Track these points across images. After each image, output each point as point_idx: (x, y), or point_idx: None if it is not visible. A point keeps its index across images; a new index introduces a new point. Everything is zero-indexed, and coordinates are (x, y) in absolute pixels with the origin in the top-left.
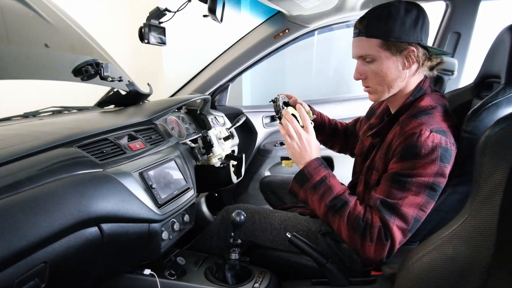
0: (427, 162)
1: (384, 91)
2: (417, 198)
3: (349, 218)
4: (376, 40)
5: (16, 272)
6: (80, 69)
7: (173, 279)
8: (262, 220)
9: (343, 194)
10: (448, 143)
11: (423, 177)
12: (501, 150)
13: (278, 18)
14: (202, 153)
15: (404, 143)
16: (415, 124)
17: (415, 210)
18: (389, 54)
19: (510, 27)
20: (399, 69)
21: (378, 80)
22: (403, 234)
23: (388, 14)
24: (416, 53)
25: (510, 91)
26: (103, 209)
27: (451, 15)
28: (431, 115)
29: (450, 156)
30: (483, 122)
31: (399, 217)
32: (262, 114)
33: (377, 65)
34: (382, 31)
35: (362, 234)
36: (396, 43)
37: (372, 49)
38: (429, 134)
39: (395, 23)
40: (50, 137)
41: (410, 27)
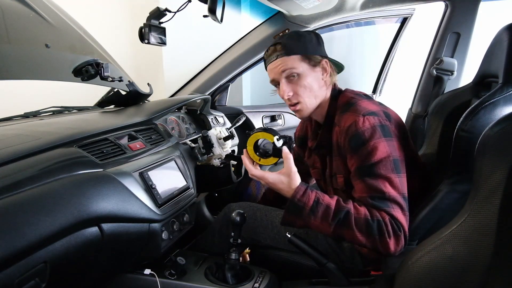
0: (375, 142)
1: (312, 103)
2: (392, 180)
3: (358, 224)
4: (297, 56)
5: (17, 272)
6: (80, 69)
7: (173, 279)
8: (264, 217)
9: (340, 204)
10: (381, 121)
11: (381, 158)
12: (500, 150)
13: (278, 18)
14: (202, 153)
15: (348, 136)
16: (348, 116)
17: (397, 189)
18: (310, 67)
19: (508, 27)
20: (320, 79)
21: (307, 93)
22: (405, 216)
23: (298, 36)
24: (328, 64)
25: (507, 91)
26: (103, 209)
27: (450, 15)
28: (355, 103)
29: (389, 131)
30: (480, 121)
31: (393, 203)
32: (262, 114)
33: (302, 79)
34: (299, 48)
35: (379, 233)
36: (312, 57)
37: (296, 64)
38: (363, 119)
39: (306, 42)
40: (50, 137)
41: (316, 44)
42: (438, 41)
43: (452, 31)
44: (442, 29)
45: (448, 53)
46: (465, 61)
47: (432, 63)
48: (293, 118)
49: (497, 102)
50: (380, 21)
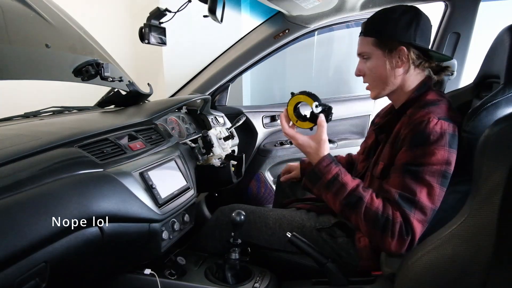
0: (437, 148)
1: (379, 87)
2: (433, 189)
3: (366, 214)
4: (371, 38)
5: (17, 272)
6: (80, 69)
7: (173, 279)
8: (257, 219)
9: (357, 189)
10: (455, 131)
11: (434, 165)
12: (500, 150)
13: (278, 18)
14: (202, 153)
15: (413, 131)
16: (423, 113)
17: (433, 200)
18: (381, 53)
19: (510, 28)
20: (389, 67)
21: (373, 77)
22: (423, 225)
23: (384, 16)
24: (406, 52)
25: (509, 91)
26: (103, 209)
27: (450, 16)
28: (438, 105)
29: (456, 144)
30: (482, 122)
31: (419, 209)
32: (262, 114)
33: (371, 62)
34: (376, 31)
35: (383, 230)
36: (388, 42)
37: (367, 47)
38: (437, 121)
39: (388, 24)
40: (50, 137)
41: (403, 28)
42: (438, 41)
43: (452, 31)
44: (442, 29)
45: (448, 53)
46: (465, 61)
47: None
48: None
49: (499, 103)
50: None
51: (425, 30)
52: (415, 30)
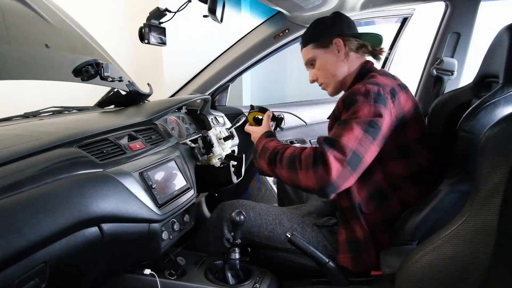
0: (362, 104)
1: (332, 81)
2: (355, 131)
3: (281, 160)
4: (310, 44)
5: (17, 272)
6: (80, 69)
7: (173, 279)
8: (257, 216)
9: (277, 147)
10: (381, 90)
11: (360, 117)
12: (501, 150)
13: (278, 18)
14: (202, 153)
15: (343, 98)
16: (355, 86)
17: (353, 143)
18: (322, 51)
19: (509, 27)
20: (334, 59)
21: (324, 74)
22: (341, 163)
23: (313, 25)
24: (341, 42)
25: (508, 91)
26: (103, 209)
27: (450, 16)
28: (371, 77)
29: (384, 101)
30: (481, 122)
31: (337, 148)
32: None
33: (318, 63)
34: (309, 37)
35: (292, 167)
36: (322, 41)
37: (310, 53)
38: (362, 86)
39: (317, 28)
40: (50, 137)
41: (329, 26)
42: (438, 41)
43: (452, 31)
44: (442, 29)
45: (448, 53)
46: (465, 61)
47: (432, 63)
48: (293, 118)
49: (498, 103)
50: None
51: (350, 22)
52: (341, 24)
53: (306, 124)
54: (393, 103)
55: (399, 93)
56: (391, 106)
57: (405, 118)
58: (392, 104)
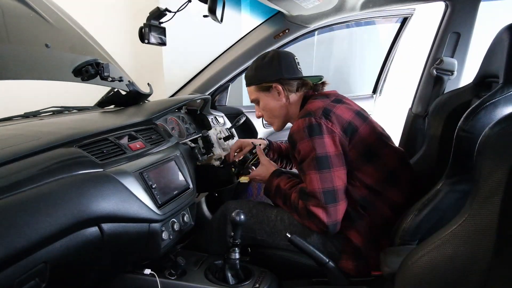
0: (301, 143)
1: (276, 120)
2: (312, 176)
3: (290, 206)
4: (253, 86)
5: (17, 272)
6: (80, 69)
7: (173, 279)
8: (260, 213)
9: (286, 190)
10: (312, 120)
11: (306, 158)
12: (501, 150)
13: (278, 18)
14: (202, 153)
15: (288, 137)
16: None
17: (317, 185)
18: (263, 94)
19: (509, 27)
20: (275, 102)
21: (268, 114)
22: (323, 209)
23: (255, 66)
24: (280, 87)
25: (508, 91)
26: (103, 209)
27: (450, 15)
28: (304, 108)
29: (319, 129)
30: (481, 122)
31: (310, 198)
32: None
33: (261, 104)
34: (252, 79)
35: (299, 215)
36: (262, 85)
37: (253, 95)
38: (294, 123)
39: (257, 71)
40: (50, 137)
41: (268, 70)
42: (438, 41)
43: (452, 31)
44: (442, 29)
45: (448, 53)
46: (465, 61)
47: (432, 63)
48: None
49: (498, 103)
50: (380, 21)
51: (288, 63)
52: (279, 66)
53: None
54: (329, 121)
55: (333, 109)
56: (330, 125)
57: (352, 124)
58: (329, 123)
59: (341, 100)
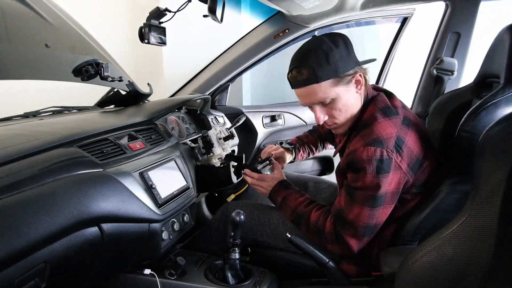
0: (365, 175)
1: (349, 119)
2: (363, 211)
3: (307, 226)
4: (328, 81)
5: (16, 272)
6: (80, 69)
7: (173, 279)
8: (261, 215)
9: (298, 208)
10: (384, 153)
11: (363, 190)
12: (501, 150)
13: (278, 18)
14: (202, 153)
15: (348, 160)
16: (356, 141)
17: (362, 220)
18: (344, 88)
19: (510, 27)
20: (354, 94)
21: (343, 114)
22: (357, 239)
23: (326, 55)
24: (362, 75)
25: (509, 91)
26: (103, 209)
27: (451, 15)
28: (370, 125)
29: (388, 166)
30: (482, 122)
31: (350, 227)
32: (262, 114)
33: (337, 102)
34: (329, 71)
35: (319, 237)
36: (344, 76)
37: (328, 91)
38: (363, 149)
39: (336, 60)
40: (50, 137)
41: (347, 56)
42: (438, 41)
43: (452, 31)
44: (442, 29)
45: (448, 53)
46: (465, 61)
47: (432, 63)
48: (293, 118)
49: (499, 103)
50: (380, 21)
51: (353, 48)
52: (353, 51)
53: (306, 124)
54: (400, 156)
55: (405, 138)
56: (399, 161)
57: (419, 159)
58: (398, 157)
59: (410, 121)
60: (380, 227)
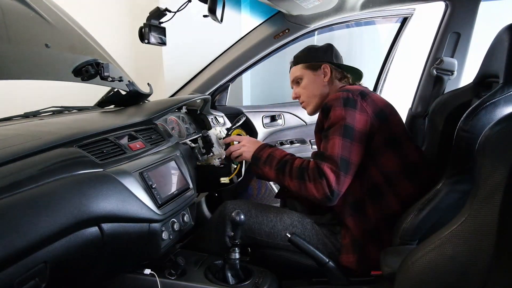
0: (334, 111)
1: (313, 100)
2: (335, 140)
3: (291, 171)
4: (301, 65)
5: (17, 272)
6: (80, 69)
7: (173, 279)
8: (259, 214)
9: (285, 157)
10: (350, 95)
11: (335, 123)
12: (501, 150)
13: (278, 18)
14: (202, 153)
15: (321, 108)
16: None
17: (337, 150)
18: (310, 72)
19: (509, 27)
20: (319, 81)
21: (307, 93)
22: (335, 173)
23: (307, 49)
24: (328, 68)
25: (508, 91)
26: (103, 209)
27: (450, 15)
28: (340, 88)
29: (353, 102)
30: (481, 121)
31: (327, 159)
32: (262, 114)
33: (304, 82)
34: (301, 58)
35: (301, 178)
36: (313, 63)
37: (298, 71)
38: (333, 95)
39: (311, 52)
40: (50, 137)
41: (322, 53)
42: (438, 41)
43: (452, 31)
44: (442, 29)
45: (448, 53)
46: (465, 61)
47: (432, 63)
48: (293, 118)
49: (498, 102)
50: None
51: (337, 55)
52: (331, 53)
53: (306, 124)
54: (365, 101)
55: (370, 94)
56: (364, 105)
57: (384, 111)
58: (364, 103)
59: (374, 93)
60: (378, 226)
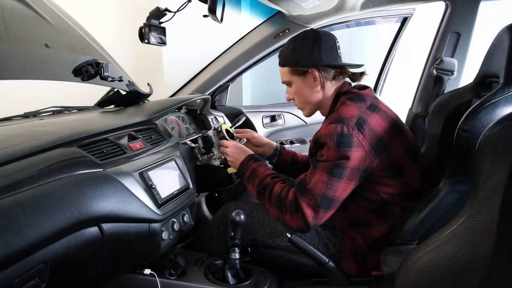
0: (327, 149)
1: (307, 106)
2: (321, 177)
3: (270, 197)
4: (287, 68)
5: (16, 272)
6: (80, 69)
7: (173, 279)
8: (260, 214)
9: (266, 178)
10: (344, 129)
11: (326, 161)
12: (501, 150)
13: (278, 18)
14: (202, 153)
15: (314, 138)
16: (324, 124)
17: (320, 187)
18: (297, 78)
19: (509, 27)
20: (309, 88)
21: (299, 99)
22: (313, 209)
23: (292, 45)
24: (317, 73)
25: (508, 91)
26: (103, 209)
27: (450, 15)
28: (338, 109)
29: (349, 140)
30: (481, 121)
31: (307, 194)
32: (262, 114)
33: (293, 87)
34: (287, 60)
35: (279, 207)
36: (298, 68)
37: (286, 76)
38: (326, 127)
39: (295, 52)
40: (50, 137)
41: (307, 53)
42: (438, 41)
43: (452, 31)
44: (442, 29)
45: (448, 53)
46: (465, 61)
47: (432, 63)
48: (293, 118)
49: (498, 102)
50: (380, 21)
51: (328, 47)
52: (319, 51)
53: (306, 124)
54: (362, 133)
55: (368, 119)
56: (360, 139)
57: (382, 141)
58: (360, 136)
59: (376, 107)
60: (383, 236)
